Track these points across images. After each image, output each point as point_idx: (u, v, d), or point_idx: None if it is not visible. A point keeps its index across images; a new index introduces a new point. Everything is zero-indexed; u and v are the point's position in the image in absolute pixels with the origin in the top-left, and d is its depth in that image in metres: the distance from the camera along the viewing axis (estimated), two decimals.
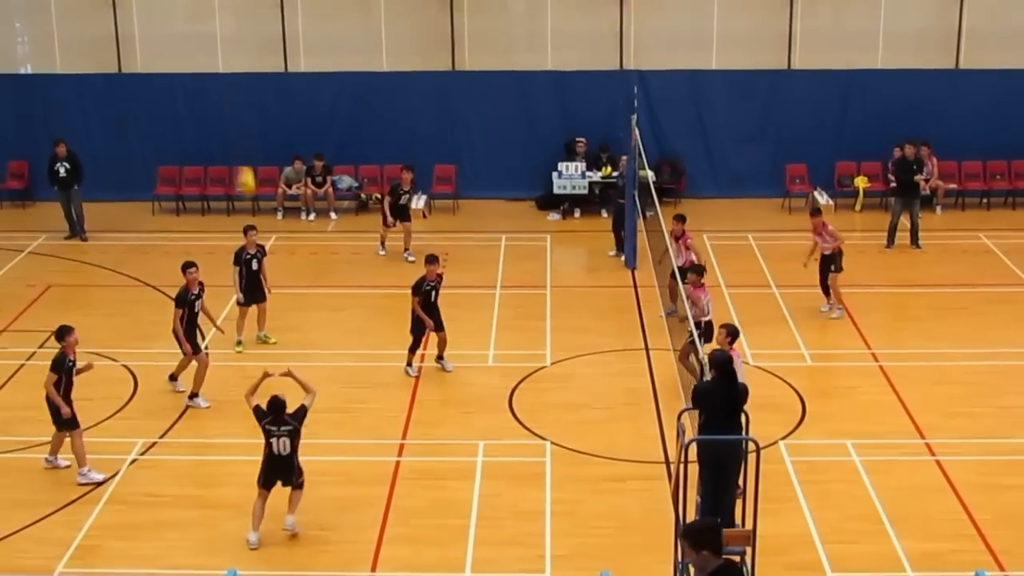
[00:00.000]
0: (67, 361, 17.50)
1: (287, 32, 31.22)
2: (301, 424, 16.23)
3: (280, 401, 16.21)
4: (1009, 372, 21.22)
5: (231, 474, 17.72)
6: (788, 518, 16.46)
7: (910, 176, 27.77)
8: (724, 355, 15.07)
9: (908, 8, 31.21)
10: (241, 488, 16.94)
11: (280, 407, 16.14)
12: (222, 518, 16.59)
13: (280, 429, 16.09)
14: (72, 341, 17.69)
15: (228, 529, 16.32)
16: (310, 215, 30.40)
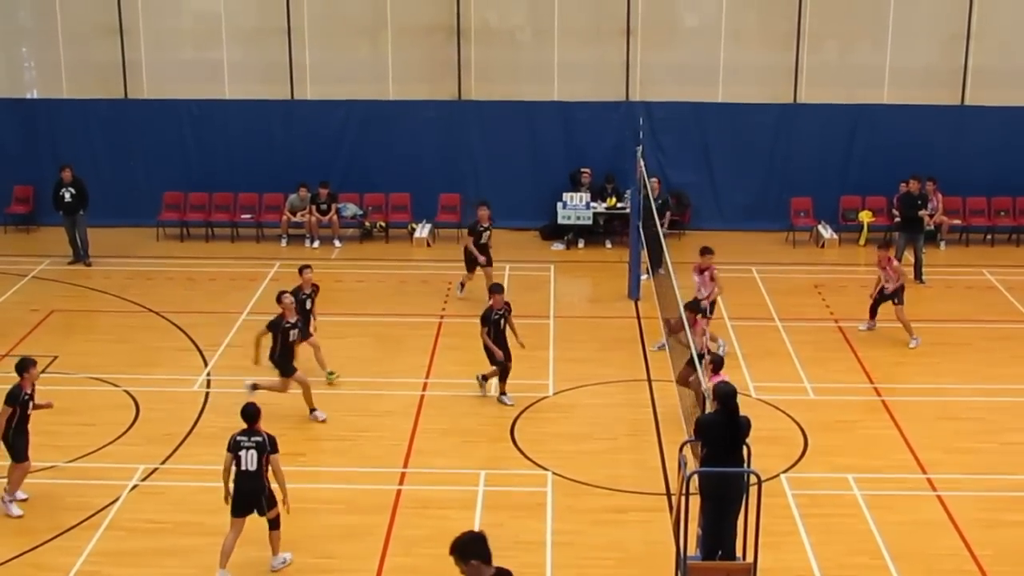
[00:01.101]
0: (22, 394, 17.00)
1: (294, 60, 31.32)
2: (273, 447, 15.81)
3: (251, 409, 15.97)
4: (1012, 408, 21.18)
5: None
6: (789, 552, 16.41)
7: (915, 211, 27.79)
8: (728, 388, 15.04)
9: (914, 44, 31.29)
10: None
11: (250, 416, 15.89)
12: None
13: (249, 439, 15.78)
14: (32, 375, 17.18)
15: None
16: (314, 242, 30.43)
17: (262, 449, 15.74)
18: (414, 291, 27.13)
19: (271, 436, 15.86)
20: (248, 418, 15.93)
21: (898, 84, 31.37)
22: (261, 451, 15.74)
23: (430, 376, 22.27)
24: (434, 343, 23.90)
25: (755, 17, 31.46)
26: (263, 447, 15.74)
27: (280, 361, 20.30)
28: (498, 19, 31.69)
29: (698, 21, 31.88)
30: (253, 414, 15.94)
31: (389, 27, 31.22)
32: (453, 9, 31.01)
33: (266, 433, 15.85)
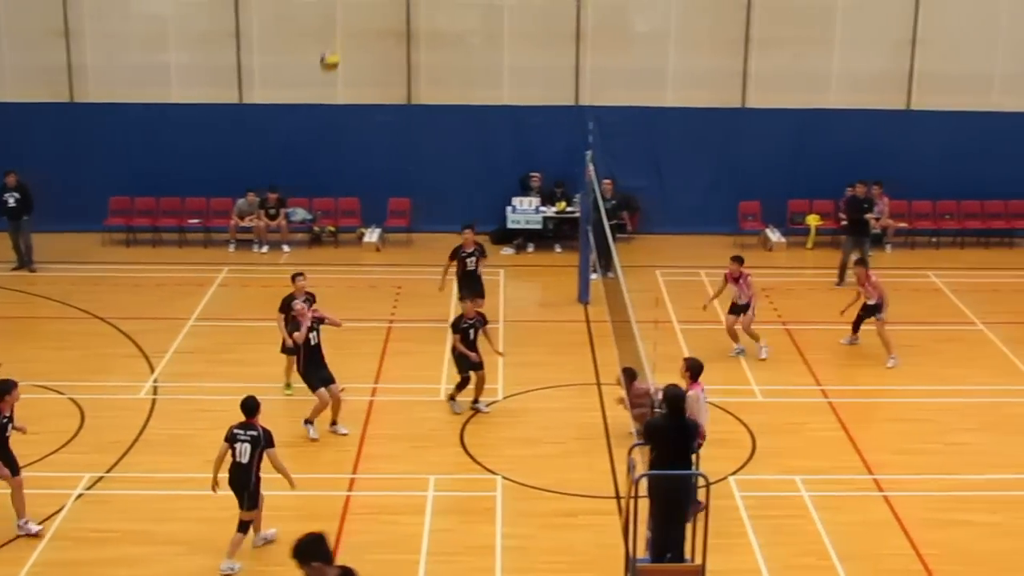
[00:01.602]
0: (1, 417, 16.70)
1: (242, 63, 31.19)
2: (268, 442, 16.01)
3: (251, 403, 16.15)
4: (958, 409, 21.38)
5: (182, 509, 17.53)
6: (738, 554, 16.47)
7: (861, 215, 27.99)
8: (676, 391, 15.10)
9: (862, 49, 31.50)
10: (192, 524, 16.87)
11: (248, 409, 16.09)
12: (172, 554, 16.40)
13: (245, 433, 15.98)
14: (13, 397, 16.77)
15: (178, 565, 16.15)
16: (263, 247, 30.30)
17: (256, 443, 15.93)
18: (363, 296, 27.07)
19: (267, 431, 16.05)
20: (247, 411, 16.11)
21: (845, 88, 31.60)
22: (255, 445, 15.93)
23: (379, 381, 22.22)
24: (383, 348, 23.85)
25: (704, 22, 31.57)
26: (258, 441, 15.92)
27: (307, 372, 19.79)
28: (448, 23, 31.63)
29: (648, 26, 31.95)
30: (252, 408, 16.13)
31: (339, 31, 31.05)
32: (403, 13, 30.98)
33: (262, 427, 16.03)
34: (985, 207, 31.71)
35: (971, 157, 31.55)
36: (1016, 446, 19.90)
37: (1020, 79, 31.63)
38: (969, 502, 18.08)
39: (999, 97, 31.68)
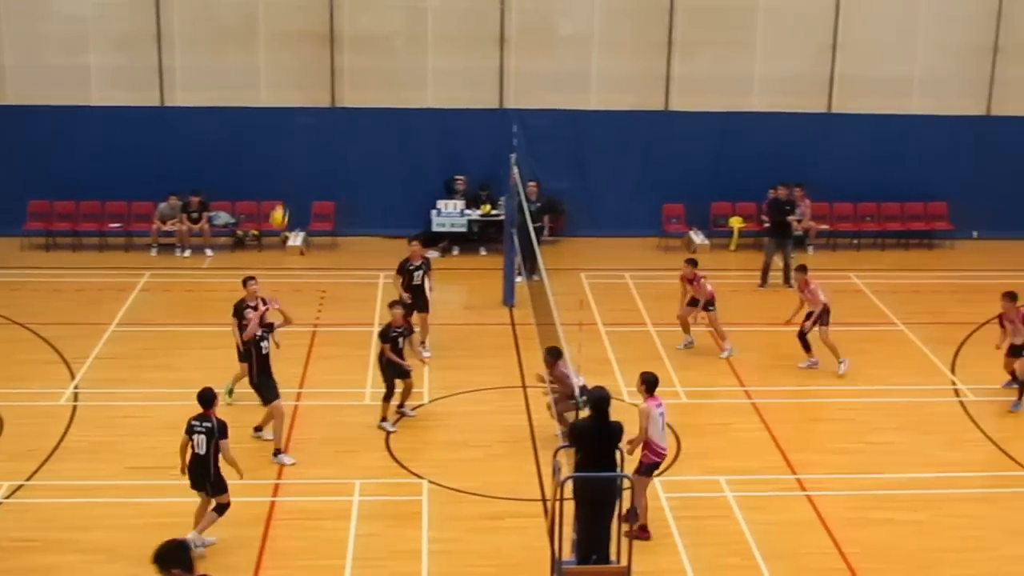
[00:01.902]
0: None
1: (163, 65, 30.90)
2: (221, 433, 16.17)
3: (206, 394, 16.35)
4: (879, 409, 21.62)
5: (103, 517, 17.32)
6: (663, 555, 16.55)
7: (783, 217, 28.25)
8: (601, 393, 15.12)
9: (783, 53, 31.78)
10: (114, 531, 16.70)
11: (204, 401, 16.30)
12: (95, 563, 16.21)
13: (201, 425, 16.19)
14: None
15: (99, 573, 15.98)
16: (185, 251, 30.05)
17: (210, 435, 16.12)
18: (287, 300, 26.57)
19: (221, 422, 16.27)
20: (203, 403, 16.32)
21: (767, 92, 31.87)
22: (210, 436, 16.11)
23: (304, 386, 22.10)
24: (308, 353, 23.73)
25: (627, 26, 31.69)
26: (211, 433, 16.11)
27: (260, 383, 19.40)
28: (372, 26, 31.50)
29: (571, 30, 32.02)
30: (208, 399, 16.35)
31: (261, 33, 30.94)
32: (326, 15, 30.85)
33: (217, 419, 16.22)
34: (905, 209, 32.10)
35: (891, 160, 31.97)
36: (937, 445, 20.14)
37: (938, 83, 32.06)
38: (891, 501, 18.28)
39: (918, 100, 32.10)
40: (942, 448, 20.06)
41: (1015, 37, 31.92)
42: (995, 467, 19.43)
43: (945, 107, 32.06)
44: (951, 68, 32.13)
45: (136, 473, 18.49)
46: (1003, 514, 18.02)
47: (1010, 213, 32.23)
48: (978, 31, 31.92)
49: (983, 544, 17.23)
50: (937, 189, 32.12)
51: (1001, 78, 32.09)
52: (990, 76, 32.08)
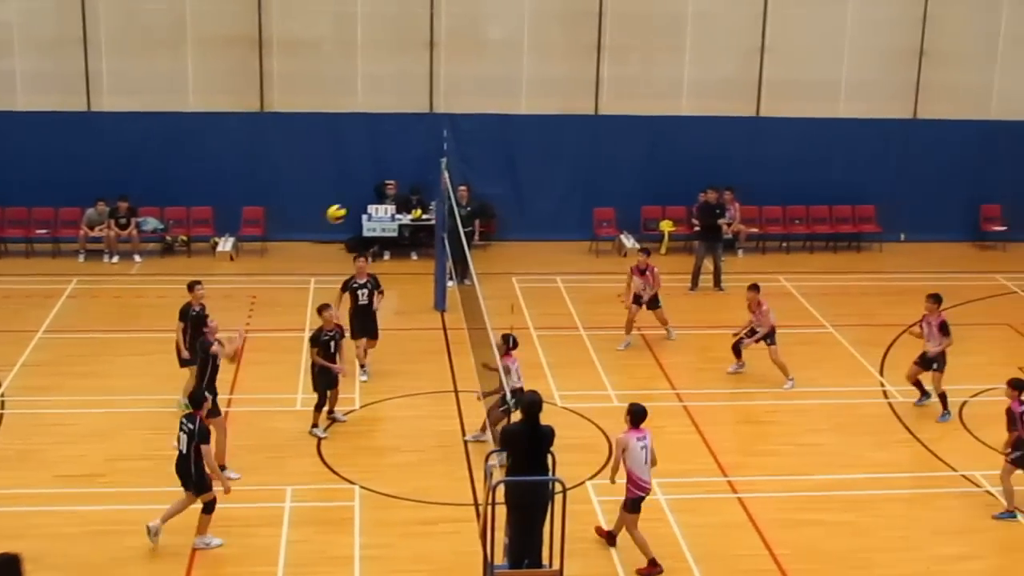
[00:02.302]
0: None
1: (90, 70, 30.59)
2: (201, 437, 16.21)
3: (197, 396, 16.61)
4: (808, 411, 21.81)
5: (32, 526, 17.10)
6: (595, 558, 16.61)
7: (713, 220, 28.42)
8: (532, 398, 15.15)
9: (712, 57, 31.98)
10: (42, 540, 16.50)
11: (195, 402, 16.52)
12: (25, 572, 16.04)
13: (186, 424, 16.38)
14: None
15: None
16: (113, 258, 29.78)
17: (191, 436, 16.16)
18: (217, 306, 26.53)
19: (204, 427, 16.30)
20: (192, 403, 16.46)
21: (696, 96, 32.05)
22: (191, 438, 16.17)
23: (234, 392, 21.97)
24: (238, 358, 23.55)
25: (557, 30, 31.77)
26: (192, 435, 16.15)
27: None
28: (301, 30, 31.37)
29: (501, 34, 32.04)
30: (198, 401, 16.47)
31: (189, 37, 30.72)
32: (255, 20, 30.68)
33: (202, 422, 16.28)
34: (833, 212, 32.38)
35: (819, 163, 32.26)
36: (865, 446, 20.34)
37: (866, 87, 32.39)
38: (821, 502, 18.44)
39: (846, 104, 32.43)
40: (871, 449, 20.26)
41: (941, 41, 32.31)
42: (923, 468, 19.65)
43: (872, 111, 32.41)
44: (878, 72, 32.47)
45: (65, 481, 18.32)
46: (931, 514, 18.25)
47: (937, 216, 32.62)
48: (904, 35, 32.27)
49: (912, 544, 17.43)
50: (865, 192, 32.46)
51: (927, 82, 32.47)
52: (916, 80, 32.44)
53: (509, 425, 15.57)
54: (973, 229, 33.00)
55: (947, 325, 21.64)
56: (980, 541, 17.54)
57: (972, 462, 19.86)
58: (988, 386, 22.72)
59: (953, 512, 18.32)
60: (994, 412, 21.60)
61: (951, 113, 32.55)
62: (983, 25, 32.55)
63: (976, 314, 27.26)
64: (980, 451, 20.30)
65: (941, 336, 21.58)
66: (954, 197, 32.75)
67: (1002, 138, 32.74)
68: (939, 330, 21.62)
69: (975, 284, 29.31)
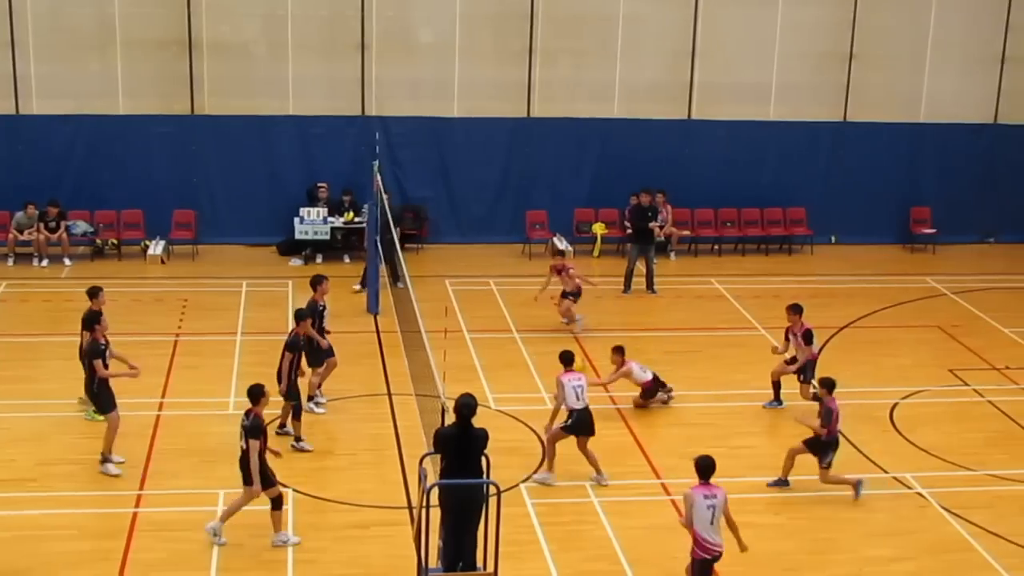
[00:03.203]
0: None
1: (18, 73, 30.25)
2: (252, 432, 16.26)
3: (253, 389, 16.62)
4: (741, 413, 21.94)
5: None
6: (529, 560, 16.63)
7: (645, 223, 28.51)
8: (466, 400, 15.11)
9: (643, 60, 32.12)
10: None
11: (251, 396, 16.54)
12: None
13: (244, 419, 16.51)
14: None
15: None
16: (43, 261, 29.46)
17: (243, 435, 16.29)
18: (148, 310, 26.56)
19: (256, 421, 16.30)
20: (250, 398, 16.56)
21: (628, 99, 32.18)
22: (242, 436, 16.29)
23: (166, 396, 21.81)
24: (170, 362, 23.42)
25: (488, 34, 31.81)
26: (244, 434, 16.38)
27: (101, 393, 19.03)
28: (231, 33, 31.19)
29: (432, 37, 31.99)
30: (254, 395, 16.56)
31: (118, 40, 30.45)
32: (184, 22, 30.47)
33: (254, 418, 16.31)
34: (765, 214, 32.62)
35: (750, 165, 32.51)
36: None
37: (795, 89, 32.67)
38: (752, 504, 18.51)
39: (776, 107, 32.68)
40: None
41: (870, 45, 32.65)
42: (854, 469, 19.75)
43: (802, 113, 32.71)
44: (808, 75, 32.75)
45: None
46: (861, 516, 18.40)
47: (867, 218, 32.98)
48: (834, 39, 32.58)
49: (842, 546, 17.59)
50: (796, 195, 32.72)
51: (857, 85, 32.80)
52: (847, 83, 32.75)
53: (441, 428, 15.55)
54: (903, 232, 33.36)
55: (811, 334, 21.94)
56: (911, 543, 17.70)
57: (902, 464, 20.07)
58: (918, 388, 23.04)
59: (884, 514, 18.48)
60: (924, 413, 22.06)
61: (881, 116, 32.93)
62: (912, 29, 32.93)
63: (906, 316, 27.57)
64: (911, 453, 20.52)
65: (806, 346, 21.79)
66: (885, 200, 33.11)
67: (932, 141, 33.17)
68: (803, 339, 21.82)
69: (905, 286, 29.64)
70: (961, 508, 18.58)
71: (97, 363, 18.87)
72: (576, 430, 18.78)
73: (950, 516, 18.40)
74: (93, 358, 18.98)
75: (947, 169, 33.34)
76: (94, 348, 19.08)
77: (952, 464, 20.15)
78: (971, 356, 25.12)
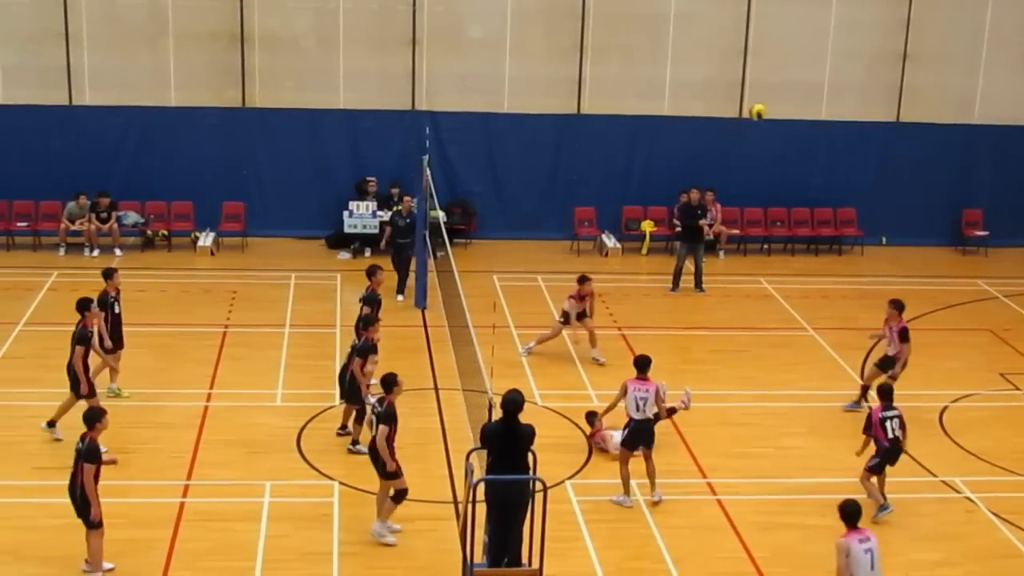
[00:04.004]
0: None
1: (72, 64, 30.47)
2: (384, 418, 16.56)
3: (387, 378, 16.99)
4: (787, 414, 21.81)
5: (8, 517, 17.12)
6: (574, 558, 16.61)
7: (694, 221, 28.39)
8: (513, 396, 15.11)
9: (694, 58, 31.97)
10: (19, 532, 16.57)
11: (385, 385, 16.95)
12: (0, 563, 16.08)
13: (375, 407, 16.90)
14: None
15: (5, 574, 15.74)
16: (94, 251, 29.66)
17: (377, 419, 16.66)
18: (197, 301, 26.70)
19: (388, 411, 16.64)
20: (384, 387, 16.85)
21: (678, 96, 32.05)
22: (378, 421, 16.64)
23: (214, 387, 21.91)
24: (218, 353, 23.53)
25: (539, 29, 31.75)
26: (378, 418, 16.67)
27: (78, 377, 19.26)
28: (282, 26, 31.30)
29: (483, 32, 32.00)
30: (387, 384, 16.89)
31: (170, 32, 30.62)
32: (236, 15, 30.59)
33: (388, 406, 16.67)
34: (815, 214, 32.40)
35: (801, 165, 32.29)
36: (843, 450, 20.28)
37: (848, 88, 32.44)
38: (798, 505, 18.43)
39: (828, 106, 32.46)
40: (849, 453, 20.13)
41: (924, 45, 32.36)
42: (902, 472, 19.58)
43: (854, 113, 32.47)
44: (861, 75, 32.52)
45: (43, 473, 18.20)
46: (908, 519, 18.24)
47: (918, 220, 32.69)
48: (888, 38, 32.31)
49: (890, 549, 17.36)
50: (846, 195, 32.49)
51: (910, 85, 32.50)
52: (899, 83, 32.49)
53: (488, 424, 15.55)
54: (955, 234, 33.07)
55: (907, 331, 21.70)
56: (958, 548, 17.56)
57: (951, 468, 19.90)
58: (967, 392, 22.84)
59: (931, 518, 18.33)
60: (974, 417, 21.86)
61: (934, 117, 32.60)
62: (967, 28, 32.60)
63: (956, 319, 27.35)
64: (959, 457, 20.35)
65: (900, 343, 21.62)
66: (936, 201, 32.81)
67: (985, 142, 32.82)
68: (899, 336, 21.67)
69: (956, 289, 29.40)
70: (1010, 513, 18.42)
71: (79, 349, 19.10)
72: (632, 441, 18.37)
73: (999, 521, 18.24)
74: (77, 343, 19.22)
75: (1000, 171, 32.99)
76: (82, 334, 19.34)
77: (1001, 469, 19.97)
78: (1022, 360, 24.90)
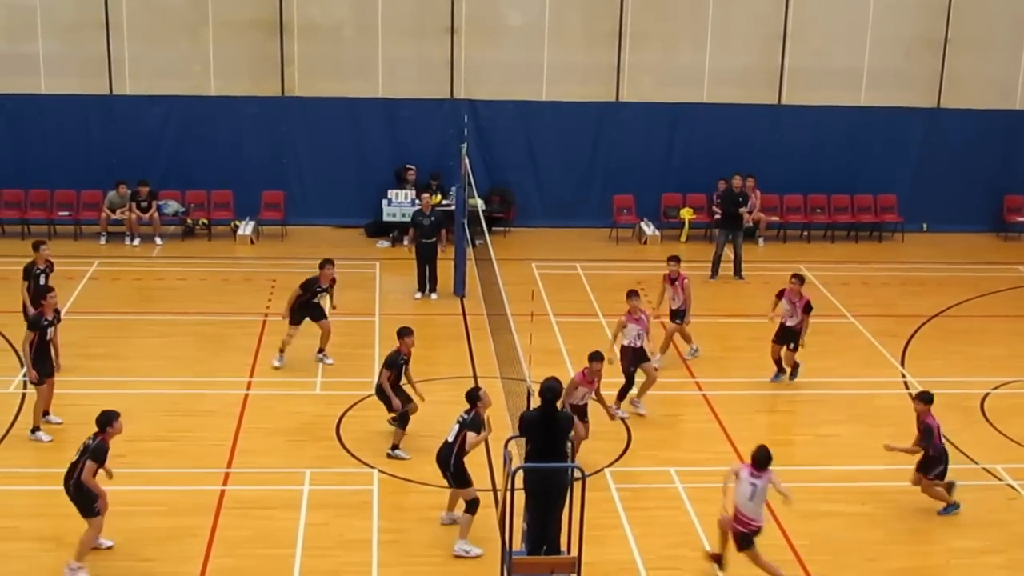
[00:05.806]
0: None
1: (112, 54, 30.63)
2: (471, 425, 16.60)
3: (471, 393, 16.90)
4: (827, 401, 21.73)
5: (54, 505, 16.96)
6: (613, 545, 16.60)
7: (734, 208, 28.30)
8: (551, 384, 15.11)
9: (733, 45, 31.85)
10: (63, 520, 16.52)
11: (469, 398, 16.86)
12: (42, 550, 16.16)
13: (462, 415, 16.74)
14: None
15: (44, 562, 15.88)
16: (134, 240, 29.83)
17: (463, 425, 16.63)
18: (237, 289, 26.82)
19: (476, 419, 16.66)
20: (469, 399, 16.82)
21: (717, 83, 31.94)
22: (462, 427, 16.62)
23: (254, 375, 22.00)
24: (258, 342, 23.62)
25: (578, 16, 31.70)
26: (464, 424, 16.61)
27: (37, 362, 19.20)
28: (321, 15, 31.38)
29: (522, 20, 31.96)
30: (471, 397, 16.80)
31: (210, 21, 30.73)
32: (275, 4, 30.66)
33: (477, 415, 16.69)
34: (855, 201, 32.25)
35: (841, 152, 32.14)
36: (884, 437, 20.10)
37: (887, 75, 32.22)
38: (839, 493, 18.39)
39: (868, 92, 32.26)
40: (890, 440, 20.13)
41: (965, 30, 32.12)
42: None
43: (895, 99, 32.25)
44: (901, 60, 32.31)
45: None
46: None
47: (959, 206, 32.49)
48: (928, 24, 32.09)
49: (930, 537, 17.39)
50: (887, 181, 32.32)
51: (951, 71, 32.29)
52: (940, 69, 32.26)
53: (527, 412, 15.56)
54: (996, 220, 32.86)
55: (810, 305, 22.02)
56: (1000, 535, 17.45)
57: (993, 455, 19.77)
58: (1009, 379, 22.68)
59: (973, 506, 18.17)
60: (1016, 404, 21.72)
61: (975, 102, 32.36)
62: (1008, 13, 32.33)
63: (998, 306, 27.18)
64: (1001, 444, 20.23)
65: (803, 314, 21.89)
66: (977, 188, 32.61)
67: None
68: (803, 310, 21.92)
69: (997, 275, 29.22)
70: None
71: (30, 335, 19.06)
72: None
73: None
74: (31, 328, 19.19)
75: None
76: (35, 320, 19.38)
77: None
78: None
